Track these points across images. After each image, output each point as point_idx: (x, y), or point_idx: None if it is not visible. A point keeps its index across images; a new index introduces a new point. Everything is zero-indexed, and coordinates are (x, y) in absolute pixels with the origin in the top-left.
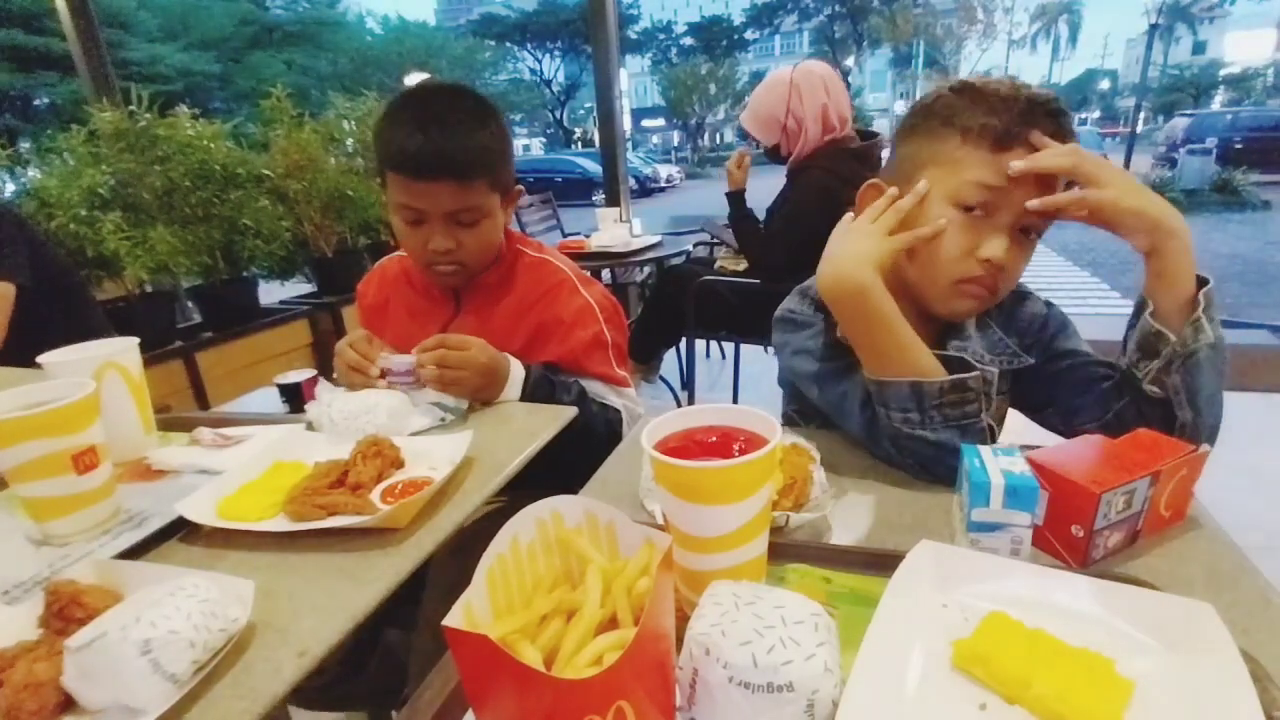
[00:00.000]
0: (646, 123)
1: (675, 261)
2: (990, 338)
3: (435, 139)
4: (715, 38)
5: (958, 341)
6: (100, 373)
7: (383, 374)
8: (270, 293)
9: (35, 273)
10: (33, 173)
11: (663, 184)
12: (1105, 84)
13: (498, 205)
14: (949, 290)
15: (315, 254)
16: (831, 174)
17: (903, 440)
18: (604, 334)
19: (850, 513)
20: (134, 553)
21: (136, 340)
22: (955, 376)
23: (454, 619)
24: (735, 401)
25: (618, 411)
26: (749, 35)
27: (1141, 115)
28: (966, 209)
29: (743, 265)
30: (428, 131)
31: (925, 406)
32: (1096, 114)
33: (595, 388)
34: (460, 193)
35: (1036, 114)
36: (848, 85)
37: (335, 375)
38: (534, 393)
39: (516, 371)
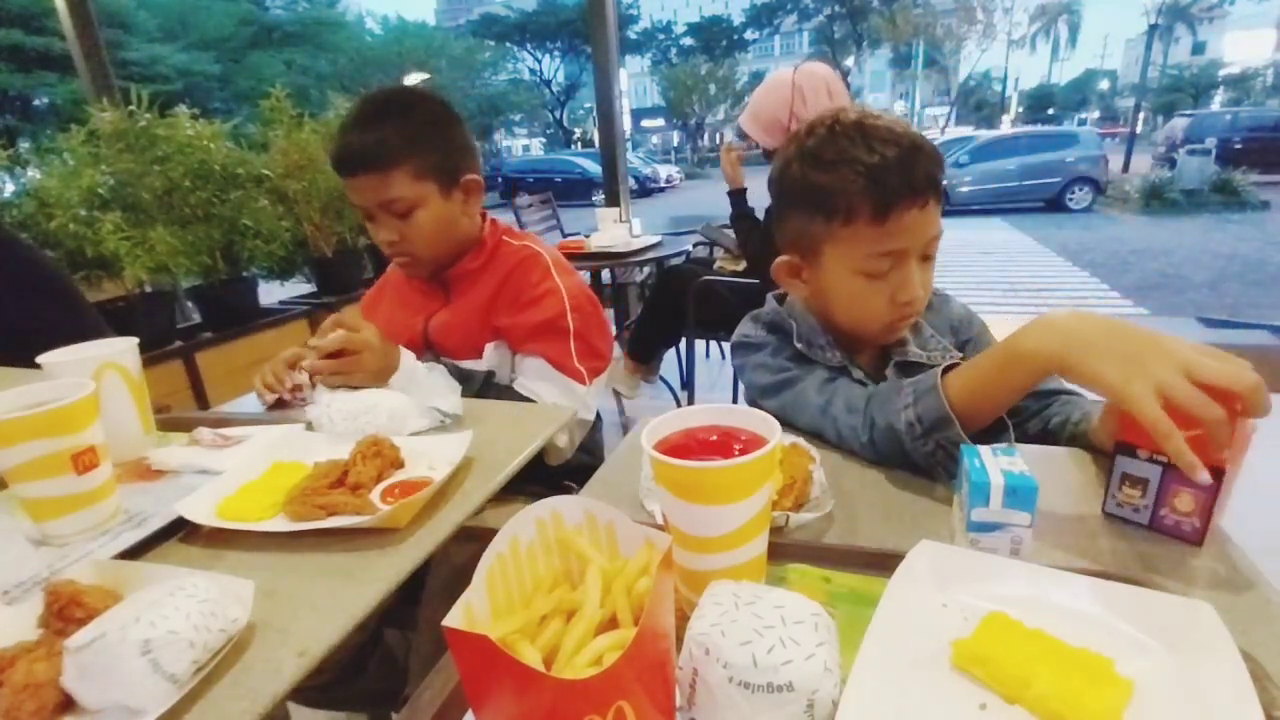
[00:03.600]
0: (646, 123)
1: (675, 261)
2: (923, 335)
3: (350, 137)
4: (715, 38)
5: (900, 348)
6: (100, 373)
7: (294, 390)
8: (270, 293)
9: (23, 274)
10: (32, 173)
11: (662, 184)
12: (1105, 84)
13: (433, 193)
14: (884, 330)
15: (315, 254)
16: None
17: (884, 431)
18: (565, 321)
19: (850, 513)
20: (134, 553)
21: (136, 340)
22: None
23: (454, 619)
24: (735, 401)
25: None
26: (749, 35)
27: (1141, 115)
28: (878, 275)
29: (742, 265)
30: (348, 132)
31: (932, 433)
32: (1096, 114)
33: (534, 366)
34: (380, 184)
35: (895, 176)
36: (848, 86)
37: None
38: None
39: (406, 355)
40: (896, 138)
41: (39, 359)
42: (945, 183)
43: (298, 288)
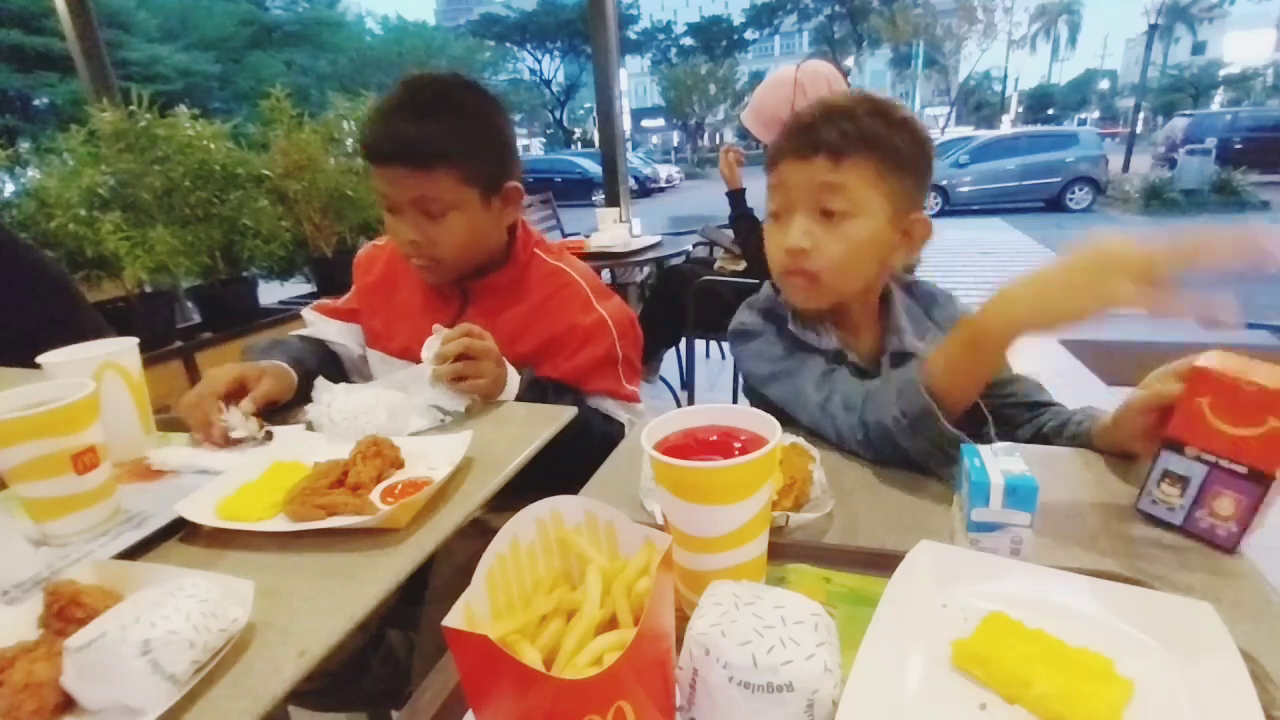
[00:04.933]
0: (646, 123)
1: (675, 261)
2: (921, 326)
3: (395, 124)
4: (715, 38)
5: (895, 338)
6: (100, 373)
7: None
8: (270, 293)
9: (23, 275)
10: (32, 173)
11: (662, 184)
12: (1105, 84)
13: (475, 200)
14: (781, 284)
15: (315, 254)
16: None
17: (878, 429)
18: (615, 350)
19: (850, 513)
20: (133, 553)
21: (136, 340)
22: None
23: (454, 619)
24: (735, 401)
25: (620, 425)
26: (748, 35)
27: (1141, 115)
28: (774, 216)
29: (742, 265)
30: (391, 117)
31: (918, 425)
32: (1096, 114)
33: (604, 405)
34: (419, 180)
35: (800, 129)
36: (848, 85)
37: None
38: (526, 395)
39: (513, 373)
40: (841, 101)
41: (39, 359)
42: (945, 182)
43: (298, 288)
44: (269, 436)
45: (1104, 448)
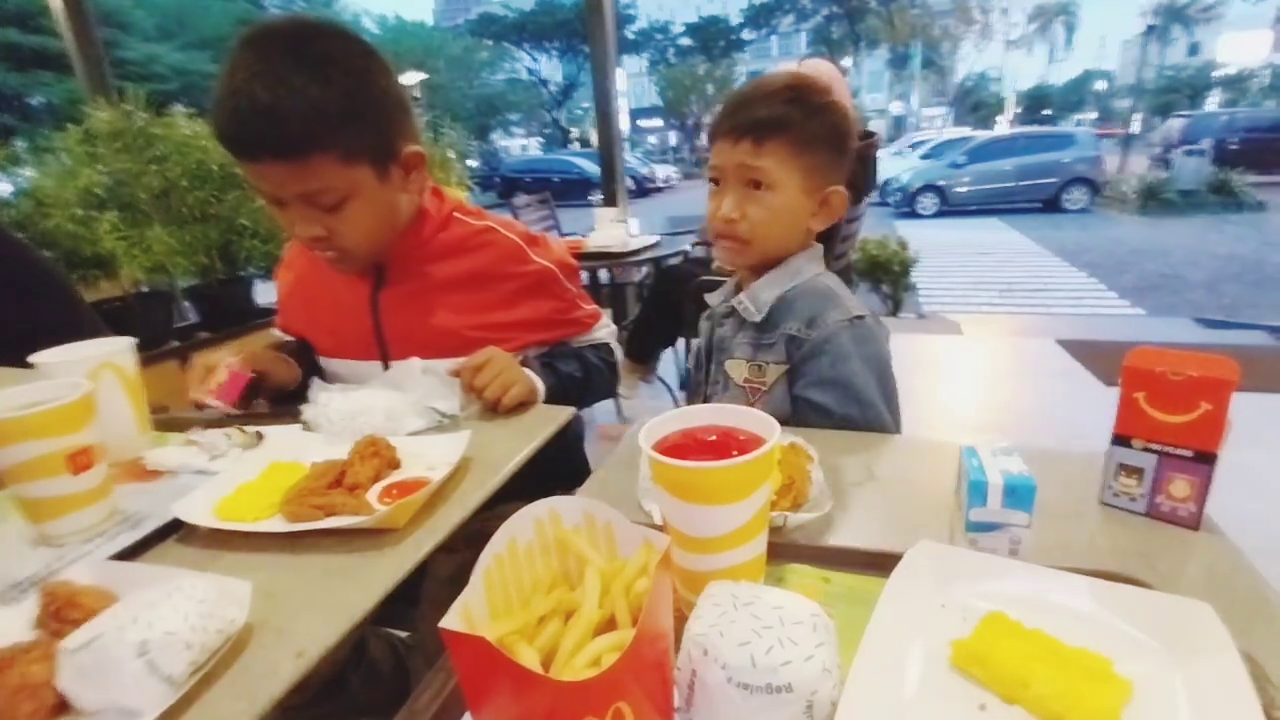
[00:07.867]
0: (644, 123)
1: (673, 261)
2: (754, 294)
3: (245, 109)
4: (712, 38)
5: (738, 294)
6: (96, 373)
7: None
8: (267, 293)
9: (20, 275)
10: (29, 172)
11: (660, 184)
12: (1102, 85)
13: (369, 178)
14: (716, 245)
15: None
16: None
17: None
18: (569, 290)
19: (849, 513)
20: (130, 553)
21: (133, 340)
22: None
23: (451, 620)
24: None
25: (606, 344)
26: (746, 36)
27: (1138, 116)
28: (714, 182)
29: None
30: (239, 98)
31: None
32: (1093, 115)
33: (582, 341)
34: (298, 173)
35: (730, 110)
36: (847, 85)
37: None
38: (555, 387)
39: (538, 381)
40: (768, 86)
41: (31, 358)
42: (942, 183)
43: None
44: (259, 438)
45: None
